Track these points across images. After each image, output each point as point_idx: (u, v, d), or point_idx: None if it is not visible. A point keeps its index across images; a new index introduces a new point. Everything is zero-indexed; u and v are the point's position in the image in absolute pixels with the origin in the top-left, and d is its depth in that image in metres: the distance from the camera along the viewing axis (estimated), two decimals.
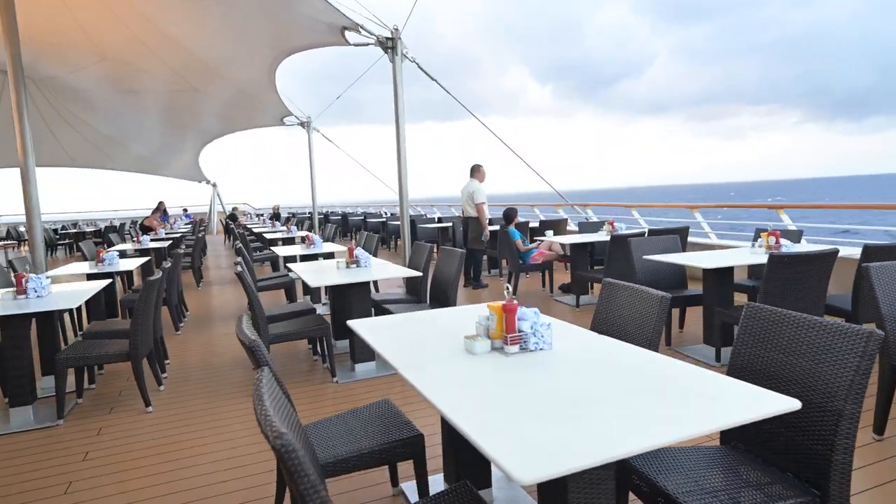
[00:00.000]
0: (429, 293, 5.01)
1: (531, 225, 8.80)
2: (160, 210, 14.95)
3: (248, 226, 16.47)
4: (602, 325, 2.69)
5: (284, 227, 12.80)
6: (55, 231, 18.79)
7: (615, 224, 6.75)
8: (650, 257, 4.66)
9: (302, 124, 15.78)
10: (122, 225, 20.64)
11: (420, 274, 4.44)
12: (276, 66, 11.09)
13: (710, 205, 6.92)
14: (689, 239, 6.68)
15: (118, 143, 21.48)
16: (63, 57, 10.67)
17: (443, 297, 4.59)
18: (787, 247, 4.42)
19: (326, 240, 8.80)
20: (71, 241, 17.55)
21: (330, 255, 6.94)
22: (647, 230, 6.49)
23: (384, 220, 15.39)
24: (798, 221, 6.09)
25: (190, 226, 18.42)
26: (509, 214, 7.48)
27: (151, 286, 3.99)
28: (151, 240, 11.62)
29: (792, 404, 1.45)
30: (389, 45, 8.21)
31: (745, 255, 4.61)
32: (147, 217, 14.37)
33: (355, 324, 2.63)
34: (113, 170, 23.66)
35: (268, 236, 10.96)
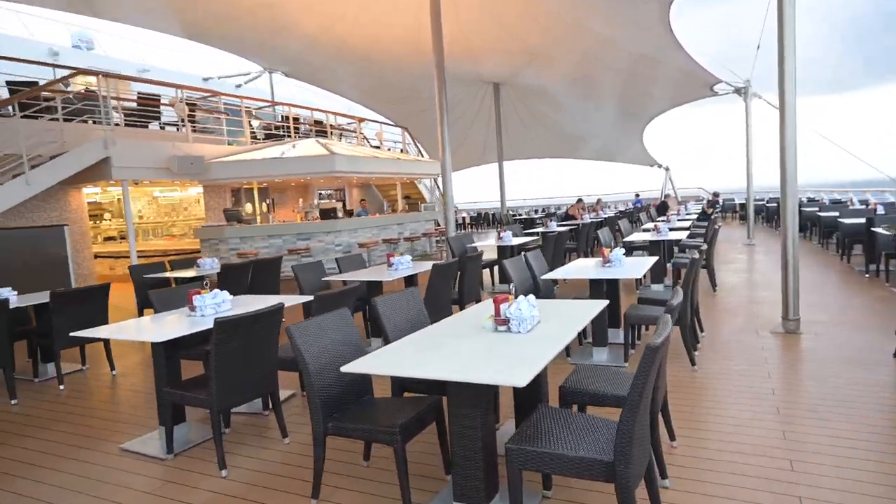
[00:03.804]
0: None
1: None
2: (579, 204, 15.96)
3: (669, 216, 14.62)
4: None
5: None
6: (513, 213, 21.68)
7: None
8: None
9: (738, 91, 12.81)
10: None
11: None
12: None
13: None
14: None
15: (580, 138, 23.57)
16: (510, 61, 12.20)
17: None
18: None
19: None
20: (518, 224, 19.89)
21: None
22: None
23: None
24: None
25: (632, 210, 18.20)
26: None
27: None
28: (558, 225, 11.93)
29: None
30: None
31: None
32: (571, 206, 15.68)
33: None
34: (578, 159, 26.22)
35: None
